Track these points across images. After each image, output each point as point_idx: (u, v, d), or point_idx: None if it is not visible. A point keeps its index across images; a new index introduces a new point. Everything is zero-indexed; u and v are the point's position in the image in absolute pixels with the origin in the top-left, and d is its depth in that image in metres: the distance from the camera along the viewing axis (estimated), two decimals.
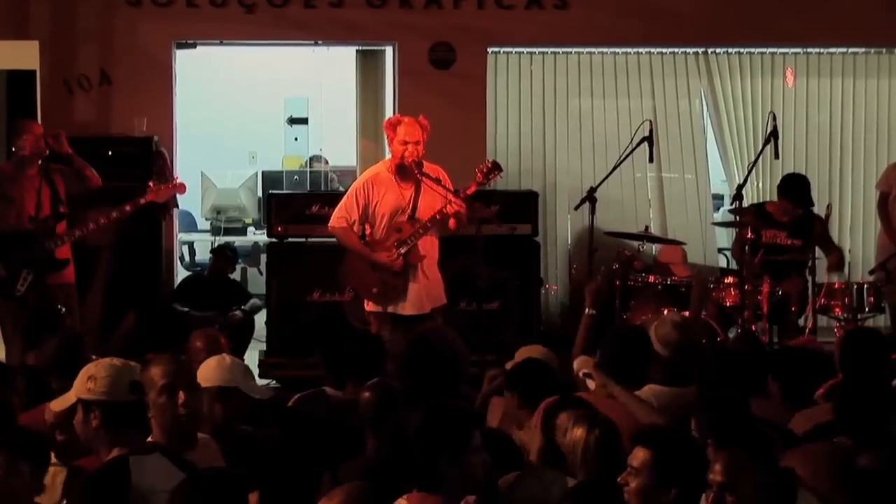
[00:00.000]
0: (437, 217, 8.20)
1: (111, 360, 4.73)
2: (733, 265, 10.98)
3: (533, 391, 5.79)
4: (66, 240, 8.91)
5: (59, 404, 4.86)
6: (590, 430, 4.87)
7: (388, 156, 8.58)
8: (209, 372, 5.52)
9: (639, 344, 6.26)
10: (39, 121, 10.73)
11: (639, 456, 4.47)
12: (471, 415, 4.82)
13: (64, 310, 8.73)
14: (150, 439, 4.74)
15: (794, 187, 10.16)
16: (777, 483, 4.29)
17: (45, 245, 8.88)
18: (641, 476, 4.43)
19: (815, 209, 10.45)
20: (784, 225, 10.04)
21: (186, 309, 10.32)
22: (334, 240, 8.69)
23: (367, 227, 8.37)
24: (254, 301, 10.80)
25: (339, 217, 8.37)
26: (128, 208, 8.87)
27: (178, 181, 9.26)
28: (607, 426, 4.93)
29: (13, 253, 8.80)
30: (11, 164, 9.05)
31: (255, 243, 13.25)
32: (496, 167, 8.27)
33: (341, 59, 12.89)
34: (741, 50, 11.75)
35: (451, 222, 8.21)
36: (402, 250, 8.20)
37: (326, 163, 13.43)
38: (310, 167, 13.46)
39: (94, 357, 5.54)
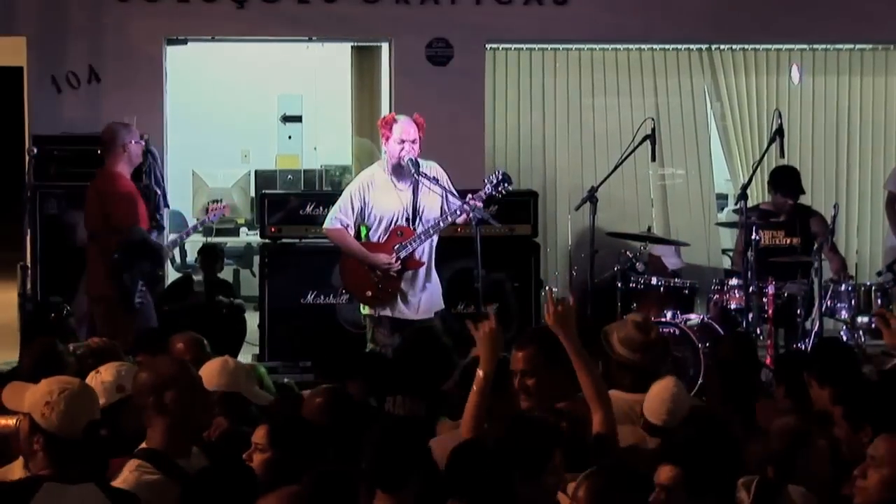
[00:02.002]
0: (441, 224, 8.21)
1: (78, 388, 4.54)
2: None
3: None
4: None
5: (12, 399, 4.65)
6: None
7: (383, 154, 8.57)
8: (212, 375, 5.49)
9: None
10: (27, 119, 10.78)
11: (668, 474, 4.39)
12: (554, 432, 4.76)
13: (67, 310, 8.83)
14: (143, 444, 4.76)
15: (781, 178, 10.17)
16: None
17: (161, 257, 9.18)
18: (675, 494, 4.35)
19: (809, 201, 10.48)
20: (780, 224, 10.04)
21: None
22: (329, 241, 8.69)
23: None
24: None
25: (334, 219, 8.36)
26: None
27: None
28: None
29: (136, 264, 8.87)
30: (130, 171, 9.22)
31: (248, 244, 13.23)
32: (506, 178, 8.25)
33: (336, 56, 12.90)
34: (746, 46, 11.76)
35: (462, 218, 8.21)
36: (402, 255, 8.21)
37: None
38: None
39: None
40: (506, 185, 8.25)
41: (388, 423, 5.04)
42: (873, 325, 8.73)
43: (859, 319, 9.56)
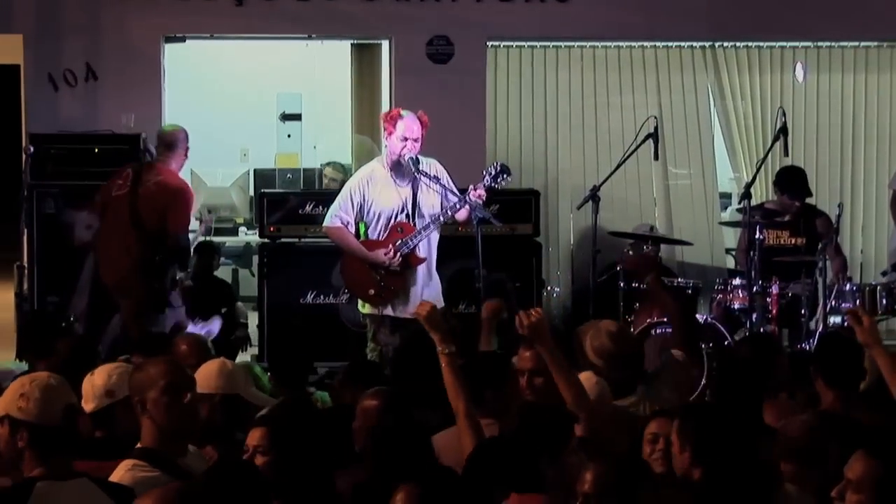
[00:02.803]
0: (441, 219, 8.20)
1: (48, 379, 4.53)
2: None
3: None
4: None
5: None
6: None
7: (383, 150, 8.56)
8: (210, 378, 5.49)
9: None
10: (24, 117, 10.77)
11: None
12: (568, 414, 4.91)
13: (73, 318, 8.86)
14: (139, 444, 4.77)
15: (788, 179, 10.16)
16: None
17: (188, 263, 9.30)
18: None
19: (814, 201, 10.49)
20: (785, 224, 10.03)
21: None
22: (328, 240, 8.69)
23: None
24: (239, 306, 10.80)
25: (334, 217, 8.37)
26: None
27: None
28: None
29: (171, 268, 8.98)
30: None
31: (247, 244, 13.20)
32: (505, 170, 8.25)
33: (336, 54, 12.88)
34: (749, 44, 11.75)
35: (462, 213, 8.20)
36: (403, 251, 8.20)
37: None
38: None
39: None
40: (504, 176, 8.24)
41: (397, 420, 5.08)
42: (846, 324, 8.74)
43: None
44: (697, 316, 9.63)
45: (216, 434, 5.32)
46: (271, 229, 10.30)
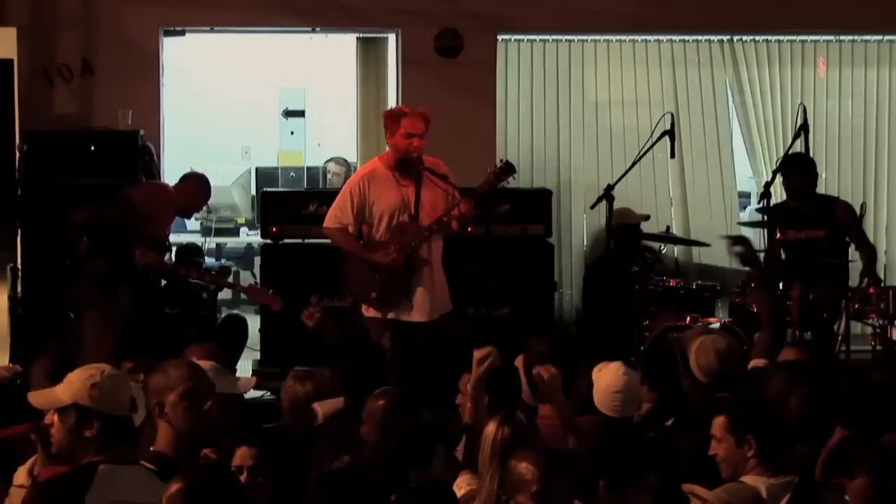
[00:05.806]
0: (444, 220, 8.16)
1: (112, 370, 4.75)
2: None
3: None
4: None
5: (43, 401, 4.81)
6: (499, 425, 5.14)
7: (386, 148, 8.52)
8: None
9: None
10: (17, 114, 10.75)
11: None
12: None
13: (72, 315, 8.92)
14: (152, 448, 4.78)
15: (787, 162, 9.97)
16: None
17: None
18: None
19: (822, 188, 10.44)
20: (805, 217, 9.87)
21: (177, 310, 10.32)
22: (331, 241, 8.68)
23: (364, 227, 8.33)
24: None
25: (333, 217, 8.35)
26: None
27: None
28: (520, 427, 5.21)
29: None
30: None
31: (249, 244, 13.23)
32: (510, 168, 8.20)
33: (341, 48, 12.86)
34: (769, 38, 11.73)
35: (454, 225, 8.16)
36: (406, 252, 8.16)
37: None
38: None
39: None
40: (510, 174, 8.20)
41: None
42: None
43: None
44: (713, 320, 9.61)
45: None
46: (274, 230, 10.29)
